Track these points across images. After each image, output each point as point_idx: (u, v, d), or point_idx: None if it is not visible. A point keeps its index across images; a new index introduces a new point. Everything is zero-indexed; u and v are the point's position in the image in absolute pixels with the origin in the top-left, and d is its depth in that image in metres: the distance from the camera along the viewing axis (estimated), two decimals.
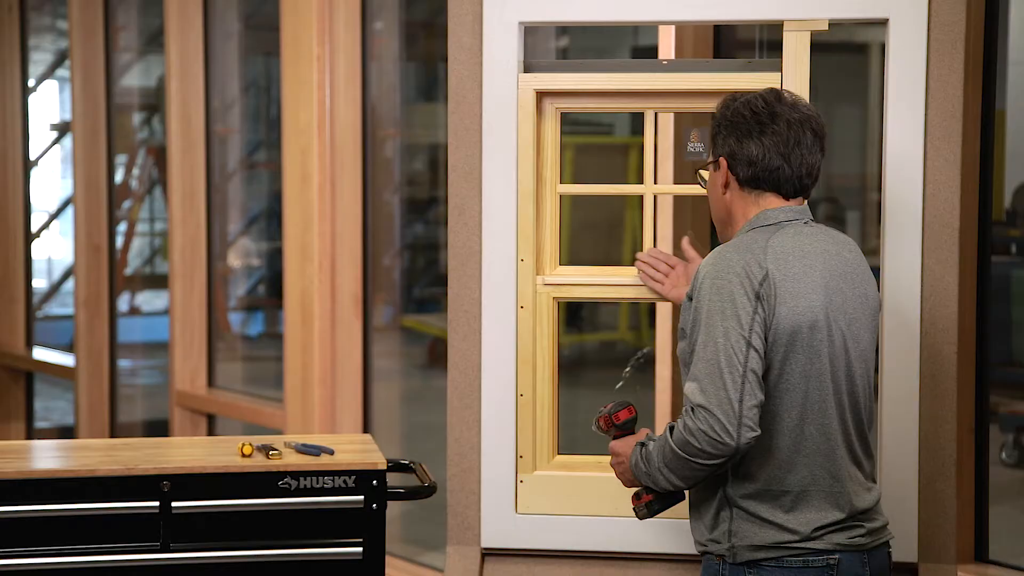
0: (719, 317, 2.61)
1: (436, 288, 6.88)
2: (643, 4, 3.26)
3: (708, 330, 2.61)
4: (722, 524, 2.71)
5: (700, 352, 2.61)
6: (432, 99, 6.95)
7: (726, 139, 2.80)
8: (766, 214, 2.75)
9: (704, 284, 2.66)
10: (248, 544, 3.06)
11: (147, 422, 7.88)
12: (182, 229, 6.59)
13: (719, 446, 2.56)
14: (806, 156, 2.75)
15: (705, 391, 2.58)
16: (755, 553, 2.68)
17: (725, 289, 2.63)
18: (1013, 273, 5.37)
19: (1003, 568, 3.81)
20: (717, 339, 2.60)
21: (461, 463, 3.36)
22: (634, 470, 2.73)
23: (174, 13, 6.56)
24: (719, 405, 2.56)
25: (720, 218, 2.85)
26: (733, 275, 2.64)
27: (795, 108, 2.76)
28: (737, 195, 2.79)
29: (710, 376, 2.58)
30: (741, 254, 2.68)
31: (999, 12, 3.77)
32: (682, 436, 2.59)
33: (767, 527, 2.68)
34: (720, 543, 2.71)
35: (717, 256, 2.70)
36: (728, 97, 2.83)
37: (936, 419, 3.18)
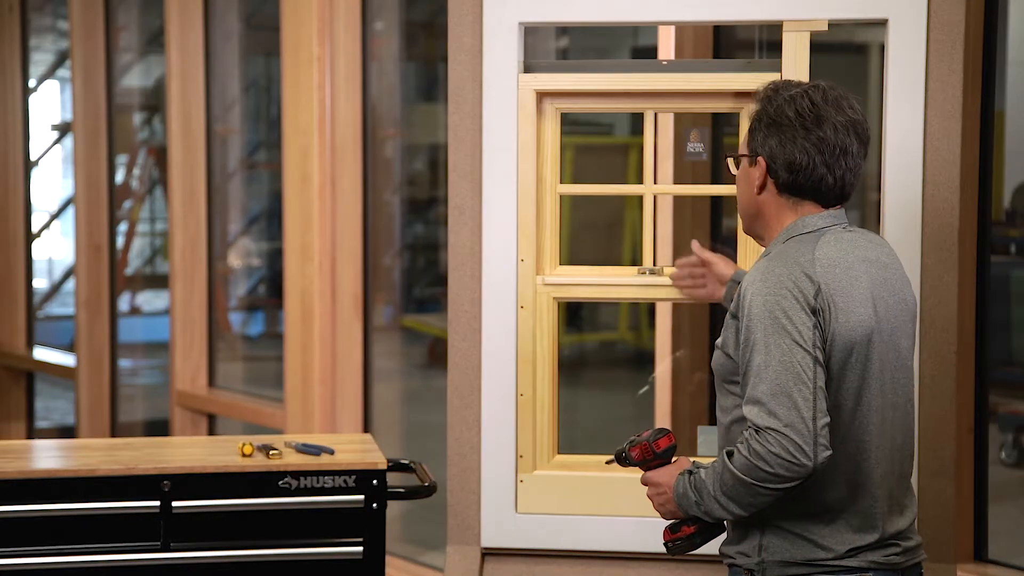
0: (778, 335, 2.50)
1: (436, 288, 6.88)
2: (643, 4, 3.26)
3: (767, 349, 2.50)
4: (752, 537, 2.62)
5: (760, 373, 2.49)
6: (432, 99, 6.95)
7: (767, 138, 2.66)
8: (805, 221, 2.66)
9: (755, 302, 2.54)
10: (248, 544, 3.06)
11: (147, 422, 7.88)
12: (182, 229, 6.60)
13: (795, 468, 2.44)
14: (850, 164, 2.65)
15: (774, 412, 2.46)
16: (785, 569, 2.60)
17: (780, 306, 2.52)
18: (1013, 273, 5.36)
19: (1003, 568, 3.81)
20: (780, 358, 2.49)
21: (461, 463, 3.36)
22: (680, 500, 2.60)
23: (174, 13, 6.57)
24: (792, 425, 2.44)
25: (749, 213, 2.73)
26: (786, 291, 2.53)
27: (841, 110, 2.63)
28: (773, 198, 2.68)
29: (776, 396, 2.46)
30: (789, 268, 2.57)
31: (999, 12, 3.77)
32: (748, 461, 2.47)
33: (801, 543, 2.60)
34: (750, 556, 2.62)
35: (765, 272, 2.58)
36: (770, 87, 2.68)
37: (936, 419, 3.18)
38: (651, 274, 3.30)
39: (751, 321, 2.53)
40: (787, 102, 2.64)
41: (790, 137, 2.62)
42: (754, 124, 2.68)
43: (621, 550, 3.29)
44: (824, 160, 2.63)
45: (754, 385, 2.50)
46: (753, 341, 2.52)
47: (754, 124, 2.68)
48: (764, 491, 2.48)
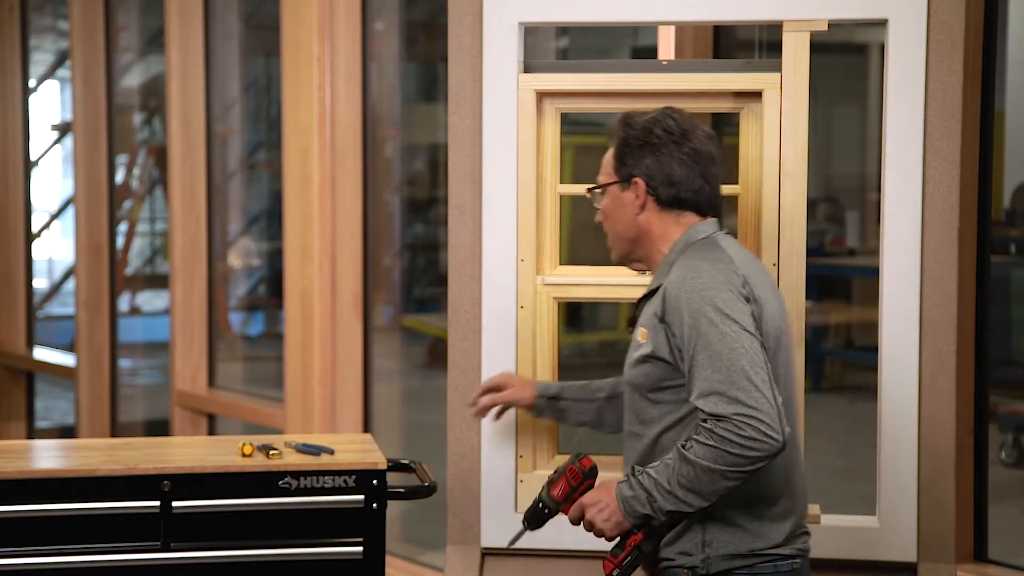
0: (724, 325, 2.55)
1: (436, 288, 6.88)
2: (643, 4, 3.26)
3: (715, 340, 2.55)
4: (693, 534, 2.66)
5: (711, 363, 2.54)
6: (432, 99, 6.95)
7: (641, 159, 2.74)
8: (696, 229, 2.74)
9: (692, 298, 2.59)
10: (248, 544, 3.06)
11: (147, 422, 7.88)
12: (182, 229, 6.60)
13: (767, 446, 2.49)
14: (718, 174, 2.77)
15: (737, 398, 2.50)
16: (730, 562, 2.65)
17: (719, 297, 2.58)
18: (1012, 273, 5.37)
19: (1003, 568, 3.81)
20: (731, 345, 2.54)
21: (461, 463, 3.36)
22: (627, 505, 2.60)
23: (174, 13, 6.57)
24: (758, 407, 2.49)
25: (628, 238, 2.79)
26: (719, 283, 2.60)
27: (696, 126, 2.77)
28: (655, 216, 2.75)
29: (735, 383, 2.51)
30: (712, 263, 2.64)
31: (999, 12, 3.77)
32: (715, 450, 2.50)
33: (743, 534, 2.65)
34: (692, 554, 2.66)
35: (690, 270, 2.64)
36: (623, 116, 2.79)
37: (935, 419, 3.18)
38: (650, 274, 3.29)
39: (692, 317, 2.58)
40: (650, 123, 2.75)
41: (665, 153, 2.72)
42: (621, 150, 2.77)
43: None
44: (700, 171, 2.74)
45: (707, 377, 2.54)
46: (698, 335, 2.57)
47: (621, 150, 2.77)
48: (733, 475, 2.51)
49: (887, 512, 3.20)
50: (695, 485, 2.54)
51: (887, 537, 3.20)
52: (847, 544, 3.21)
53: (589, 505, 2.64)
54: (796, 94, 3.17)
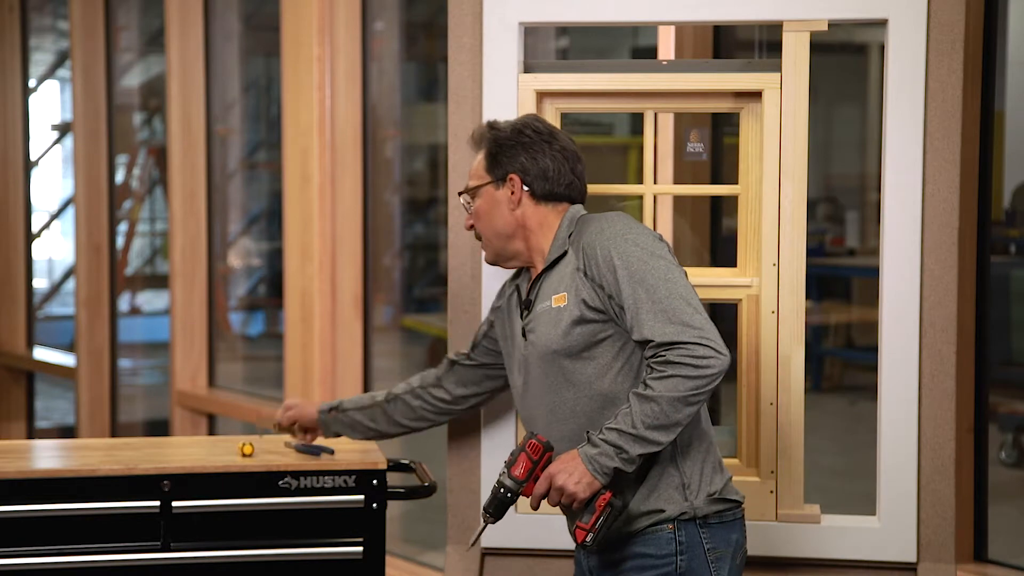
0: (652, 260, 2.66)
1: (436, 288, 6.88)
2: (643, 4, 3.26)
3: (648, 275, 2.65)
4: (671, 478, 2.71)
5: (650, 295, 2.63)
6: (432, 99, 6.95)
7: (514, 158, 2.86)
8: (575, 209, 2.86)
9: (615, 243, 2.69)
10: (248, 544, 3.06)
11: (147, 422, 7.88)
12: (182, 229, 6.60)
13: (720, 361, 2.58)
14: (584, 172, 2.90)
15: (688, 323, 2.59)
16: (713, 505, 2.72)
17: (643, 239, 2.70)
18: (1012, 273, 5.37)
19: (1003, 568, 3.81)
20: (664, 276, 2.64)
21: (461, 463, 3.36)
22: (595, 464, 2.62)
23: (174, 13, 6.57)
24: (705, 328, 2.60)
25: (505, 234, 2.87)
26: (637, 228, 2.73)
27: (558, 129, 2.91)
28: (532, 209, 2.85)
29: (677, 309, 2.61)
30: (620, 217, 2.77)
31: (999, 12, 3.77)
32: (674, 378, 2.58)
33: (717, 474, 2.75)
34: (677, 501, 2.70)
35: (604, 223, 2.75)
36: (485, 126, 2.90)
37: (936, 419, 3.18)
38: None
39: (622, 259, 2.68)
40: (518, 126, 2.88)
41: (538, 151, 2.85)
42: (493, 151, 2.88)
43: None
44: (570, 167, 2.87)
45: (649, 310, 2.63)
46: (629, 274, 2.66)
47: (493, 151, 2.88)
48: (696, 399, 2.59)
49: (887, 512, 3.20)
50: (661, 420, 2.60)
51: (887, 537, 3.20)
52: (847, 544, 3.21)
53: (557, 472, 2.64)
54: (796, 94, 3.17)
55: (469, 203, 2.93)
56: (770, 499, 3.22)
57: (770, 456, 3.21)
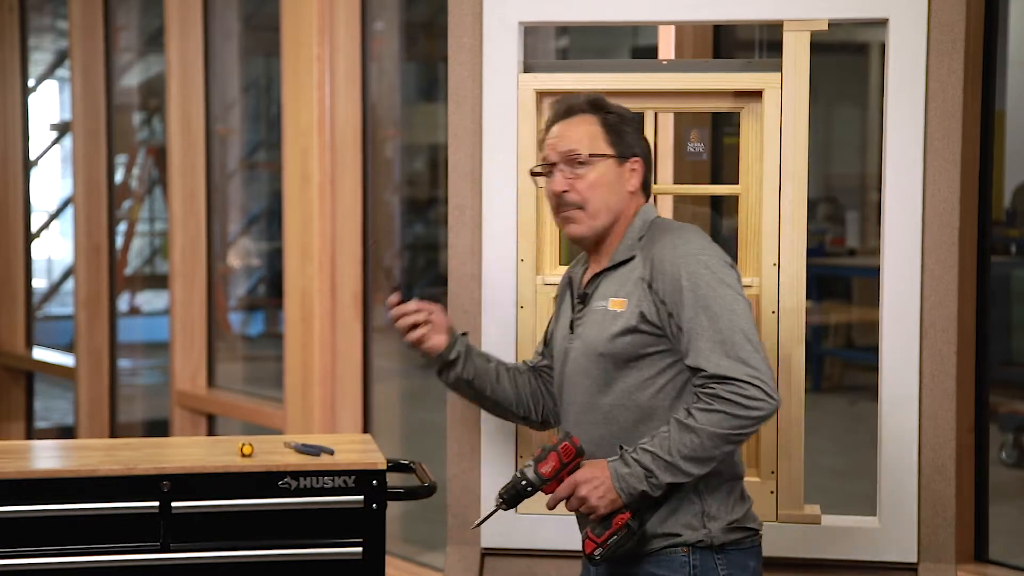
0: (722, 289, 2.60)
1: (436, 288, 6.88)
2: (643, 4, 3.26)
3: (714, 302, 2.58)
4: (692, 506, 2.67)
5: (712, 324, 2.57)
6: (432, 99, 6.95)
7: (637, 140, 2.80)
8: (648, 208, 2.81)
9: (687, 262, 2.63)
10: (248, 544, 3.06)
11: (147, 422, 7.88)
12: (182, 229, 6.60)
13: (770, 405, 2.54)
14: None
15: (744, 360, 2.54)
16: (730, 535, 2.68)
17: (714, 263, 2.63)
18: (1013, 273, 5.37)
19: (1003, 568, 3.81)
20: (730, 307, 2.58)
21: (461, 463, 3.36)
22: (623, 483, 2.59)
23: (174, 13, 6.57)
24: (760, 369, 2.54)
25: (615, 212, 2.77)
26: (710, 252, 2.66)
27: None
28: (633, 198, 2.79)
29: (736, 344, 2.55)
30: (694, 233, 2.71)
31: (999, 12, 3.77)
32: (719, 413, 2.53)
33: (734, 505, 2.70)
34: (696, 528, 2.67)
35: (679, 237, 2.68)
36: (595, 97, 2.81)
37: (936, 419, 3.18)
38: None
39: (690, 280, 2.61)
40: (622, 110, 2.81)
41: (644, 137, 2.83)
42: (615, 125, 2.78)
43: None
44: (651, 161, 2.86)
45: (709, 338, 2.57)
46: (696, 298, 2.60)
47: (615, 125, 2.78)
48: (736, 438, 2.55)
49: (887, 512, 3.20)
50: (698, 452, 2.56)
51: (887, 537, 3.20)
52: (847, 544, 3.21)
53: (583, 482, 2.62)
54: (796, 94, 3.17)
55: (574, 166, 2.76)
56: (770, 499, 3.22)
57: (770, 456, 3.21)
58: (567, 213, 2.77)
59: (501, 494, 2.70)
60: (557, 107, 2.84)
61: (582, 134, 2.77)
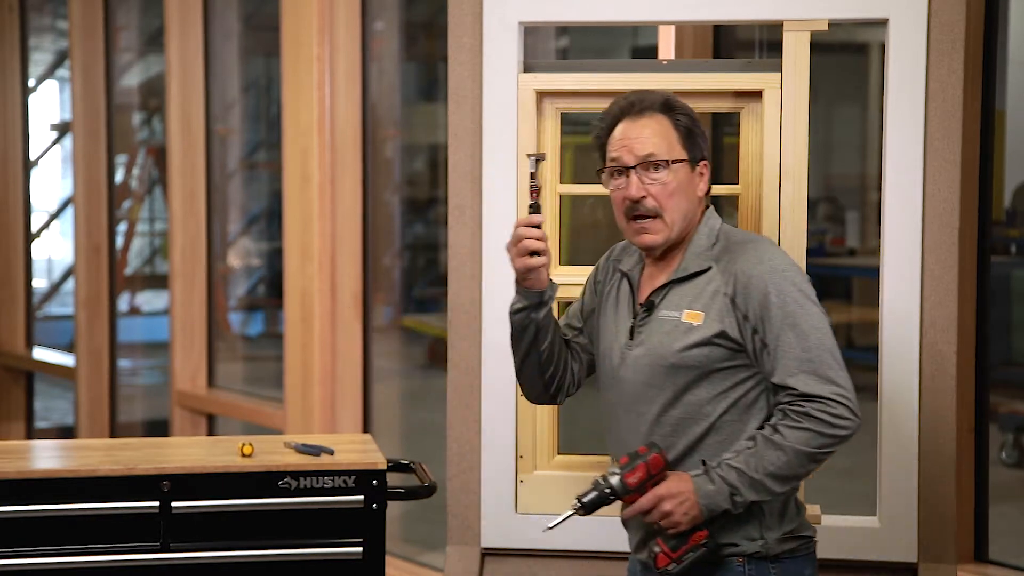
0: (809, 306, 2.58)
1: (436, 288, 6.88)
2: (643, 4, 3.26)
3: (803, 319, 2.56)
4: (752, 517, 2.63)
5: (800, 342, 2.55)
6: (432, 99, 6.95)
7: (705, 144, 2.74)
8: (713, 213, 2.74)
9: (774, 279, 2.59)
10: (248, 544, 3.06)
11: (147, 422, 7.88)
12: (182, 229, 6.60)
13: (854, 423, 2.53)
14: None
15: (828, 377, 2.54)
16: (783, 545, 2.64)
17: (799, 279, 2.61)
18: (1013, 273, 5.37)
19: (1003, 568, 3.81)
20: (817, 325, 2.57)
21: (461, 463, 3.36)
22: (709, 499, 2.56)
23: (174, 13, 6.57)
24: (846, 387, 2.54)
25: (688, 218, 2.70)
26: (794, 267, 2.63)
27: None
28: (701, 204, 2.74)
29: (825, 362, 2.55)
30: (774, 246, 2.68)
31: (999, 12, 3.78)
32: (808, 432, 2.52)
33: (789, 516, 2.66)
34: (754, 539, 2.63)
35: (764, 253, 2.63)
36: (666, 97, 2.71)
37: (936, 419, 3.18)
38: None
39: (779, 297, 2.57)
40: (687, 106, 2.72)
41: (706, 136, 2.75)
42: (689, 128, 2.70)
43: (621, 550, 3.28)
44: None
45: (796, 356, 2.55)
46: (784, 315, 2.56)
47: (689, 128, 2.70)
48: (822, 457, 2.54)
49: (887, 512, 3.20)
50: (784, 471, 2.54)
51: (887, 537, 3.20)
52: (847, 544, 3.21)
53: (668, 497, 2.57)
54: (796, 94, 3.16)
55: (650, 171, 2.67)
56: None
57: None
58: (643, 223, 2.68)
59: (580, 500, 2.64)
60: (622, 103, 2.73)
61: (658, 137, 2.68)
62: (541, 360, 2.82)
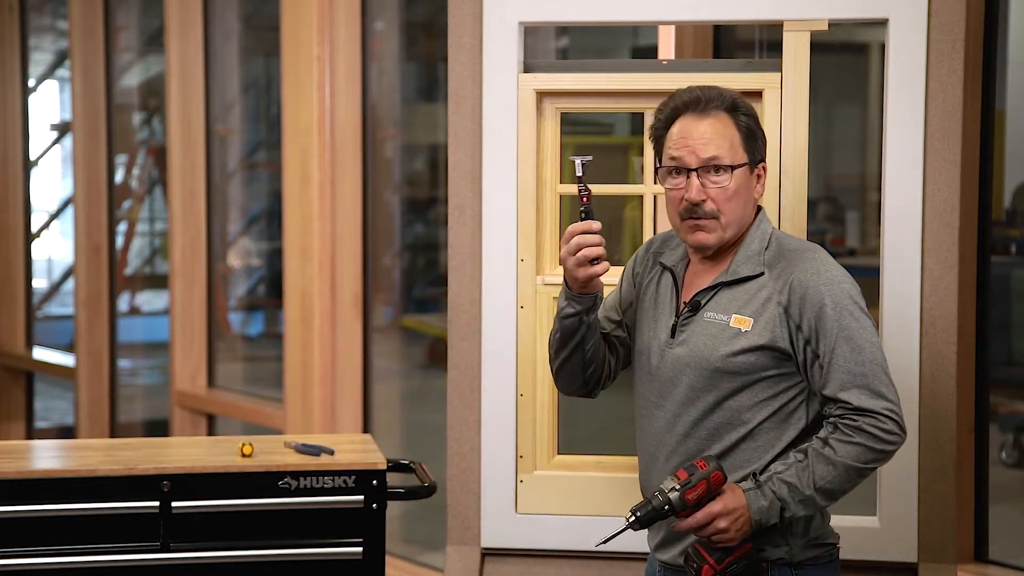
0: (862, 319, 2.57)
1: (436, 288, 6.88)
2: (643, 4, 3.26)
3: (857, 333, 2.55)
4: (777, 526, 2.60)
5: (854, 356, 2.53)
6: (432, 99, 6.95)
7: (764, 147, 2.69)
8: (767, 221, 2.70)
9: (831, 291, 2.56)
10: (248, 544, 3.06)
11: (147, 422, 7.88)
12: (182, 229, 6.60)
13: (902, 439, 2.54)
14: None
15: (881, 393, 2.53)
16: (807, 551, 2.63)
17: (854, 292, 2.59)
18: (1013, 273, 5.37)
19: (1003, 568, 3.81)
20: (870, 339, 2.56)
21: (461, 463, 3.36)
22: (762, 515, 2.54)
23: (174, 13, 6.57)
24: (895, 402, 2.54)
25: (745, 222, 2.67)
26: (849, 278, 2.61)
27: None
28: (755, 206, 2.70)
29: (877, 376, 2.54)
30: (831, 260, 2.64)
31: (999, 12, 3.77)
32: (861, 447, 2.51)
33: (814, 522, 2.65)
34: (779, 545, 2.62)
35: (820, 264, 2.60)
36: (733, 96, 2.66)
37: (936, 419, 3.18)
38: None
39: (835, 310, 2.56)
40: (748, 105, 2.68)
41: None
42: (752, 129, 2.66)
43: (621, 550, 3.28)
44: None
45: (850, 370, 2.54)
46: (839, 328, 2.55)
47: (752, 129, 2.66)
48: (869, 471, 2.54)
49: (887, 512, 3.20)
50: (834, 485, 2.53)
51: (887, 537, 3.20)
52: (847, 544, 3.20)
53: (723, 514, 2.54)
54: (796, 94, 3.16)
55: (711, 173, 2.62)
56: None
57: None
58: (699, 221, 2.64)
59: (640, 517, 2.58)
60: (685, 98, 2.66)
61: (721, 138, 2.63)
62: (585, 359, 2.78)
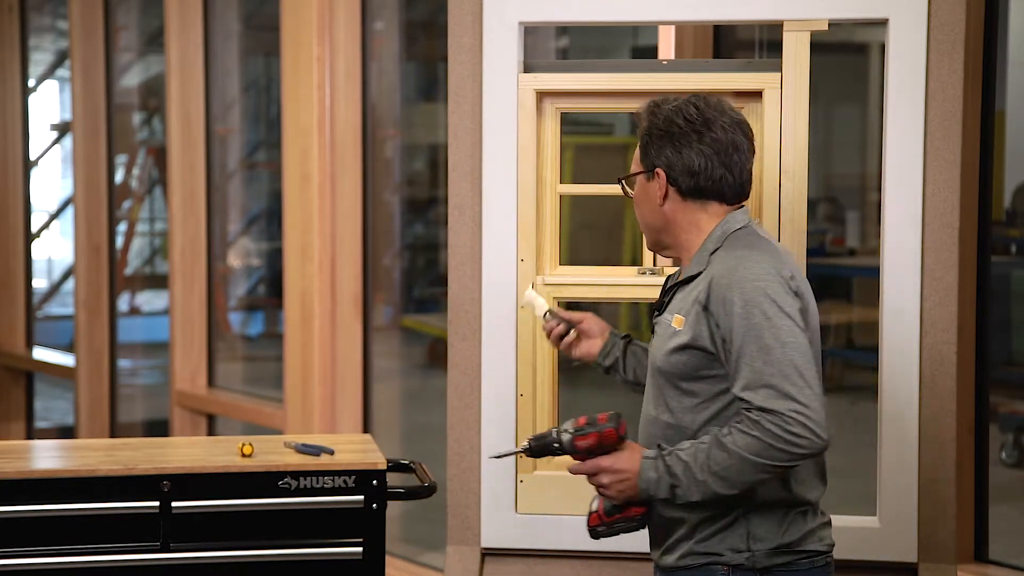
0: (776, 318, 2.52)
1: (436, 288, 6.88)
2: (643, 4, 3.26)
3: (767, 332, 2.51)
4: (738, 527, 2.61)
5: (763, 355, 2.50)
6: (432, 99, 6.95)
7: (661, 149, 2.70)
8: (734, 218, 2.70)
9: (744, 288, 2.54)
10: (248, 544, 3.06)
11: (147, 422, 7.88)
12: (182, 229, 6.60)
13: (815, 445, 2.47)
14: (744, 161, 2.71)
15: (789, 394, 2.47)
16: (774, 558, 2.61)
17: (771, 289, 2.54)
18: (1013, 273, 5.37)
19: (1003, 568, 3.81)
20: (783, 339, 2.50)
21: (461, 463, 3.36)
22: (649, 485, 2.57)
23: (174, 13, 6.57)
24: (809, 405, 2.47)
25: (656, 227, 2.74)
26: (770, 276, 2.56)
27: (723, 112, 2.70)
28: (679, 206, 2.70)
29: (787, 377, 2.48)
30: (762, 255, 2.60)
31: (999, 12, 3.78)
32: (760, 442, 2.47)
33: (784, 528, 2.62)
34: (740, 551, 2.61)
35: (740, 260, 2.59)
36: (651, 104, 2.73)
37: (936, 419, 3.18)
38: (651, 274, 3.30)
39: (744, 308, 2.53)
40: (673, 112, 2.70)
41: (685, 143, 2.68)
42: (645, 140, 2.73)
43: (620, 550, 3.29)
44: (720, 160, 2.68)
45: (757, 369, 2.50)
46: (748, 326, 2.52)
47: (645, 140, 2.73)
48: (770, 469, 2.50)
49: (887, 512, 3.20)
50: (728, 473, 2.51)
51: (887, 537, 3.20)
52: (847, 544, 3.21)
53: (608, 471, 2.60)
54: (796, 94, 3.17)
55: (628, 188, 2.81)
56: None
57: None
58: None
59: (532, 444, 2.67)
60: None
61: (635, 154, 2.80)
62: (631, 380, 2.99)
